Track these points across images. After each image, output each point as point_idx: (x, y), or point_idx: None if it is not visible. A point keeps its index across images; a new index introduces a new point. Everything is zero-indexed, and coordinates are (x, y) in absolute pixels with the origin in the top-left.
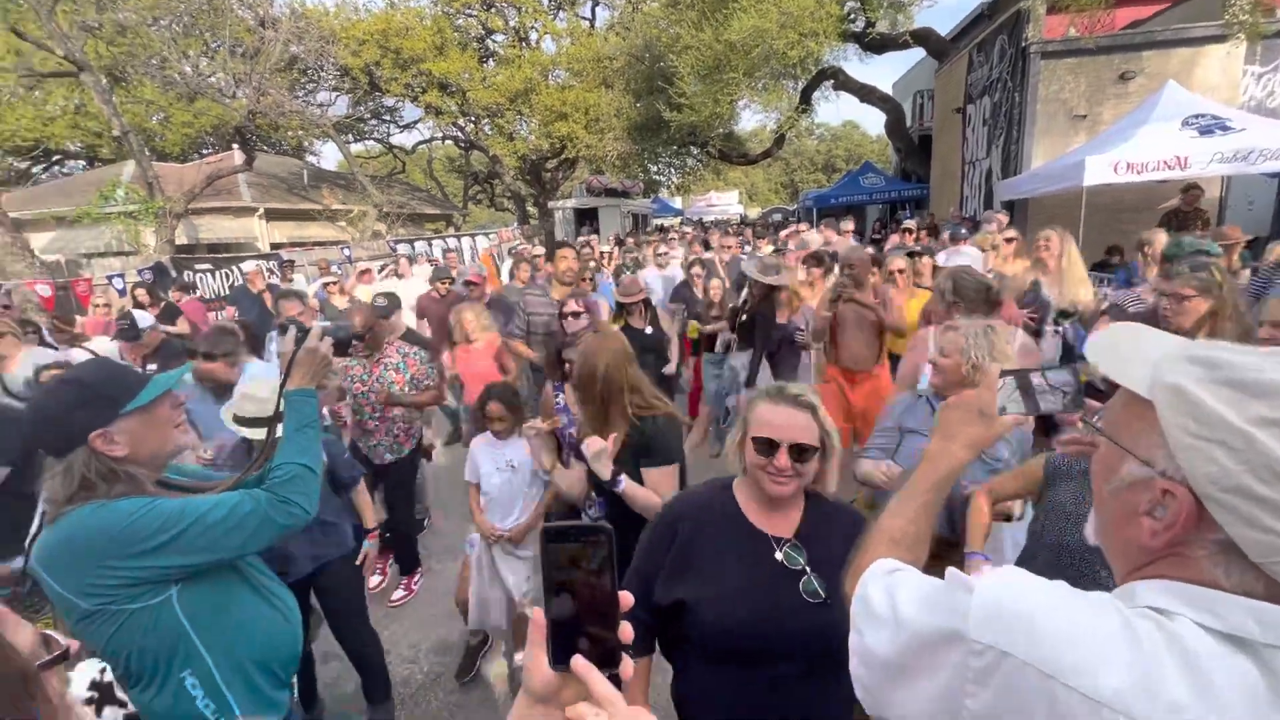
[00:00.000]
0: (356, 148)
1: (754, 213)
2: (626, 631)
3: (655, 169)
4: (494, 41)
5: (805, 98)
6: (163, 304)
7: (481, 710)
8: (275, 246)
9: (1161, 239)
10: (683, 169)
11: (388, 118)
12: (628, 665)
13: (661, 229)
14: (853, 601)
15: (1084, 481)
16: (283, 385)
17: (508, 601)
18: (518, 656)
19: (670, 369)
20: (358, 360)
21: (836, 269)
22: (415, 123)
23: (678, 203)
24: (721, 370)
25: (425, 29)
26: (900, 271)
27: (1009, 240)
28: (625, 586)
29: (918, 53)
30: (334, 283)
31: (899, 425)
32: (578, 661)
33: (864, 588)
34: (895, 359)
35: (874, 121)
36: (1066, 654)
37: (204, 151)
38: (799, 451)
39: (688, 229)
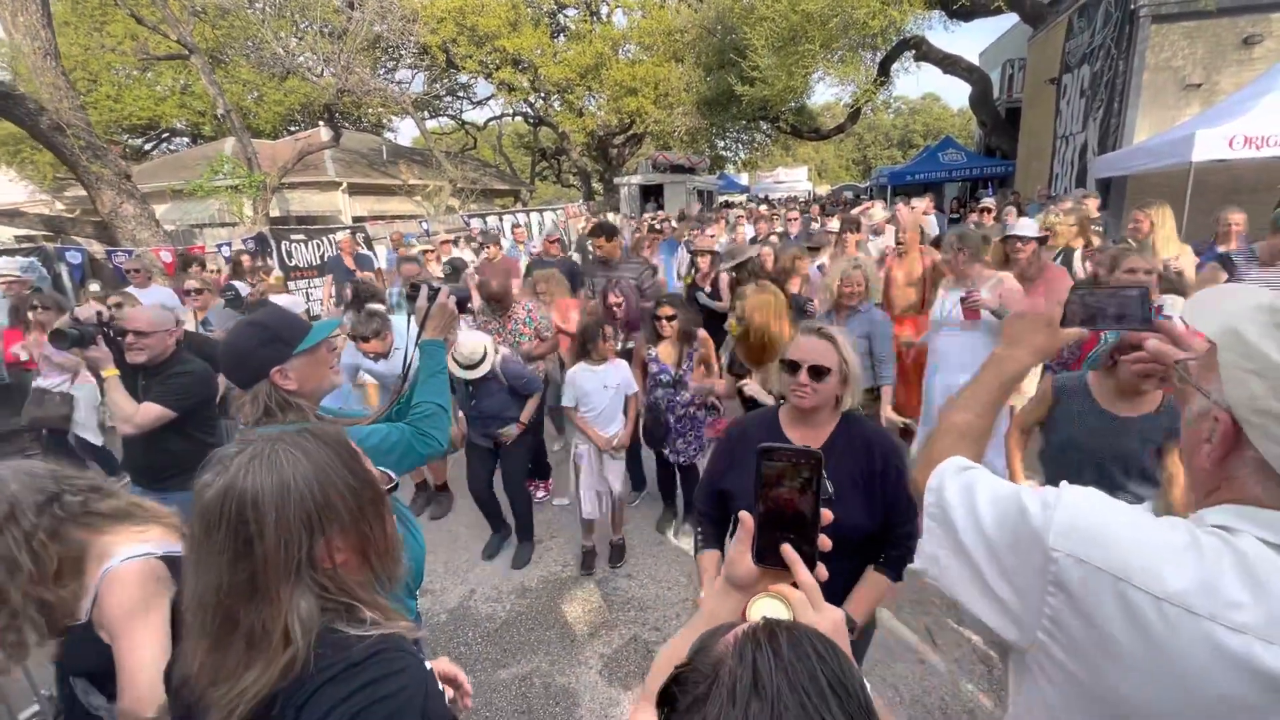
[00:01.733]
0: (430, 124)
1: (823, 190)
2: (825, 542)
3: (723, 144)
4: (566, 16)
5: (884, 69)
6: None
7: (560, 644)
8: (357, 220)
9: (1241, 216)
10: (750, 144)
11: (462, 94)
12: (822, 572)
13: (727, 204)
14: (926, 492)
15: (1084, 392)
16: (419, 336)
17: (610, 495)
18: (613, 537)
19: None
20: (493, 316)
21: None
22: (488, 99)
23: (744, 179)
24: None
25: (500, 5)
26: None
27: (1072, 225)
28: (698, 489)
29: (1010, 19)
30: (431, 250)
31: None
32: (788, 550)
33: (940, 486)
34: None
35: (957, 94)
36: (1135, 561)
37: (292, 129)
38: (816, 372)
39: (755, 206)
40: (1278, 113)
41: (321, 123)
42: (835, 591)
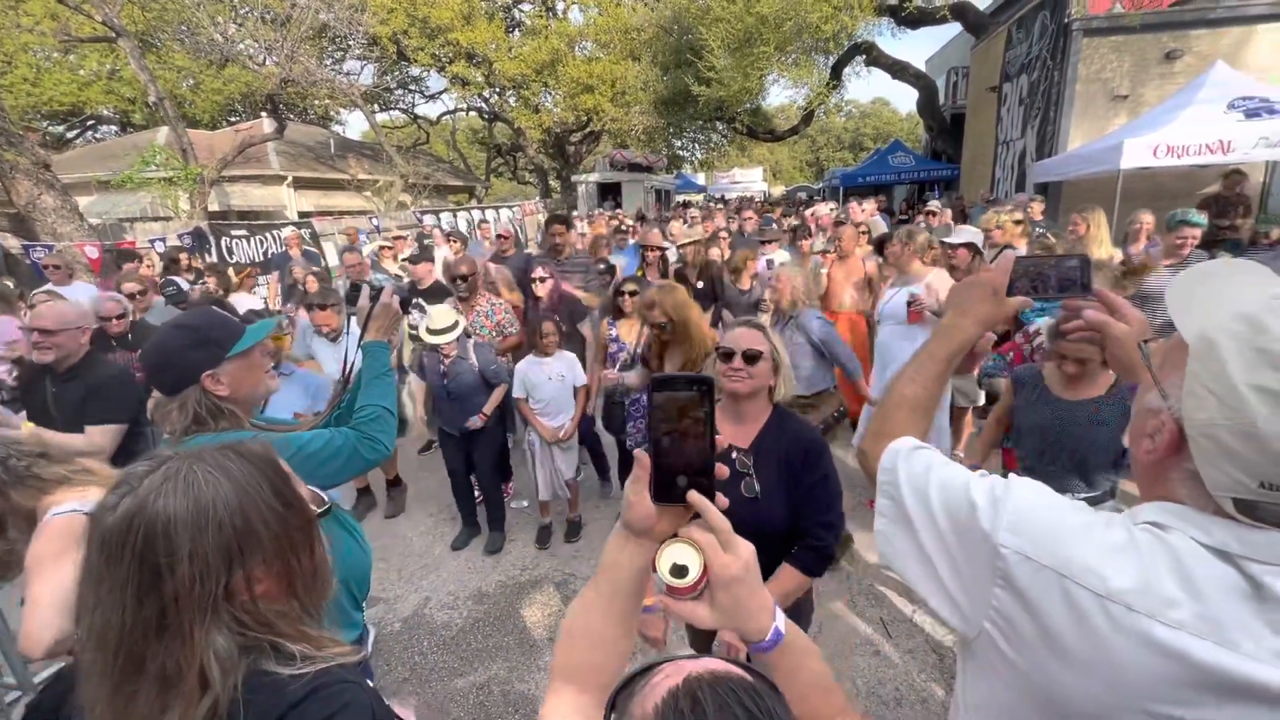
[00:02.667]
0: (381, 117)
1: (778, 190)
2: (722, 470)
3: (680, 144)
4: (521, 11)
5: (836, 73)
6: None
7: (519, 650)
8: (303, 215)
9: (1150, 217)
10: (707, 144)
11: (414, 88)
12: (722, 501)
13: (685, 204)
14: (879, 470)
15: (1037, 381)
16: (361, 337)
17: (562, 480)
18: (570, 514)
19: None
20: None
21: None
22: (441, 93)
23: (701, 179)
24: None
25: None
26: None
27: (1017, 223)
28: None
29: (954, 28)
30: (387, 247)
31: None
32: (694, 495)
33: (894, 466)
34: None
35: (905, 99)
36: (1080, 559)
37: (232, 119)
38: (749, 357)
39: (712, 205)
40: (1196, 124)
41: (264, 113)
42: None
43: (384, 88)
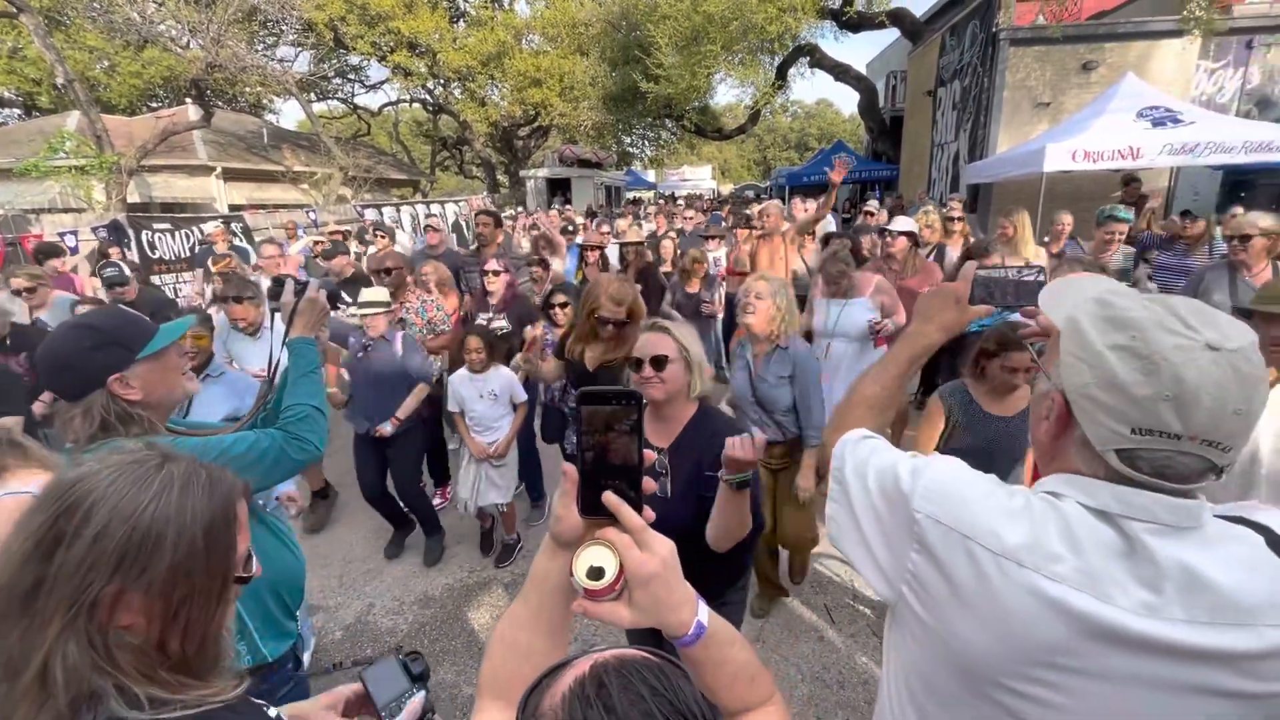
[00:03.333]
0: (319, 107)
1: (726, 189)
2: (649, 484)
3: (629, 140)
4: (466, 1)
5: (781, 74)
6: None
7: (467, 654)
8: (234, 208)
9: (1069, 218)
10: (657, 142)
11: (353, 77)
12: (649, 514)
13: (635, 201)
14: (832, 459)
15: (967, 398)
16: (285, 334)
17: (491, 500)
18: (506, 537)
19: None
20: None
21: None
22: (382, 83)
23: (651, 176)
24: None
25: None
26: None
27: (959, 219)
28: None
29: (892, 33)
30: (320, 241)
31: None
32: (609, 497)
33: (843, 454)
34: None
35: (848, 101)
36: (981, 522)
37: (153, 105)
38: (657, 362)
39: (663, 202)
40: (1109, 132)
41: (189, 100)
42: None
43: (321, 76)
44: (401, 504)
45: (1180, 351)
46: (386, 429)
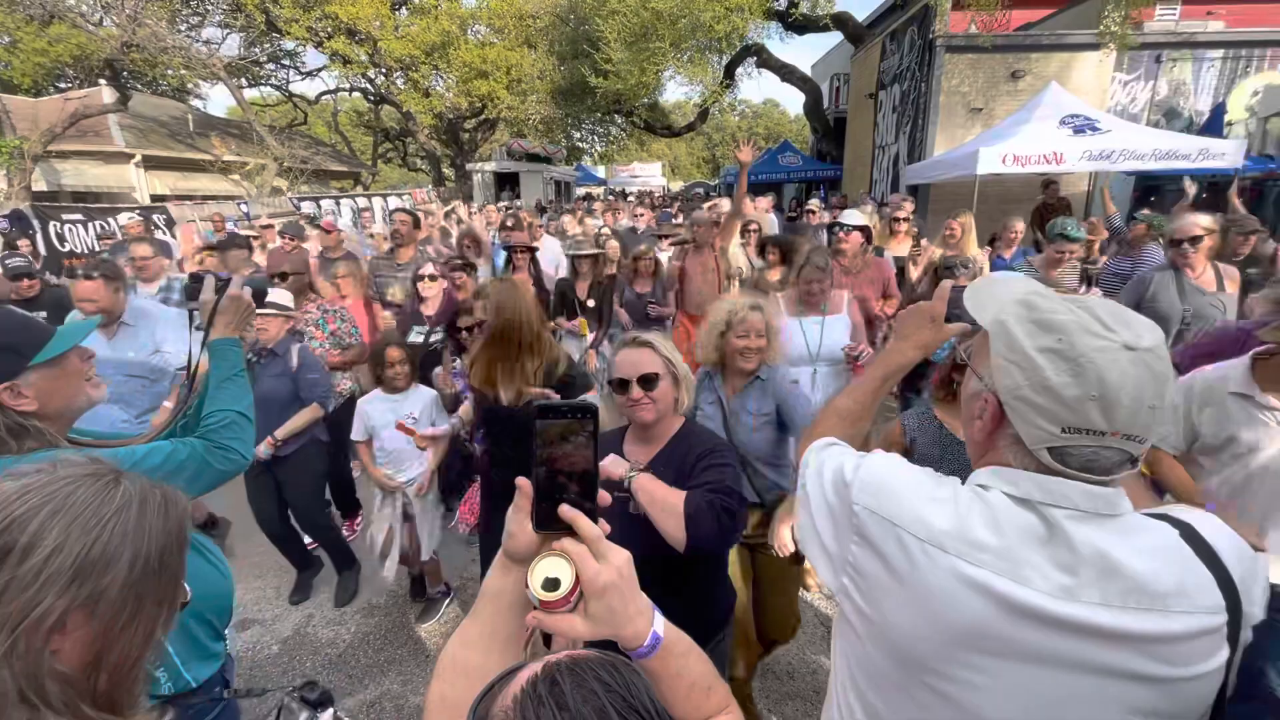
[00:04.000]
0: (250, 93)
1: (676, 186)
2: (605, 497)
3: (579, 135)
4: None
5: (729, 73)
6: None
7: (414, 661)
8: (157, 199)
9: (1021, 225)
10: (607, 137)
11: (287, 63)
12: (604, 526)
13: (587, 197)
14: (802, 466)
15: (933, 422)
16: (206, 335)
17: (416, 546)
18: (434, 589)
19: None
20: None
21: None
22: (319, 70)
23: (601, 172)
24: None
25: None
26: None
27: (894, 220)
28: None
29: (836, 36)
30: (255, 236)
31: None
32: (565, 509)
33: (808, 461)
34: None
35: (794, 101)
36: (910, 511)
37: (62, 85)
38: (646, 381)
39: (613, 199)
40: (1035, 138)
41: (102, 81)
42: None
43: (252, 60)
44: (313, 538)
45: (1102, 353)
46: (261, 450)
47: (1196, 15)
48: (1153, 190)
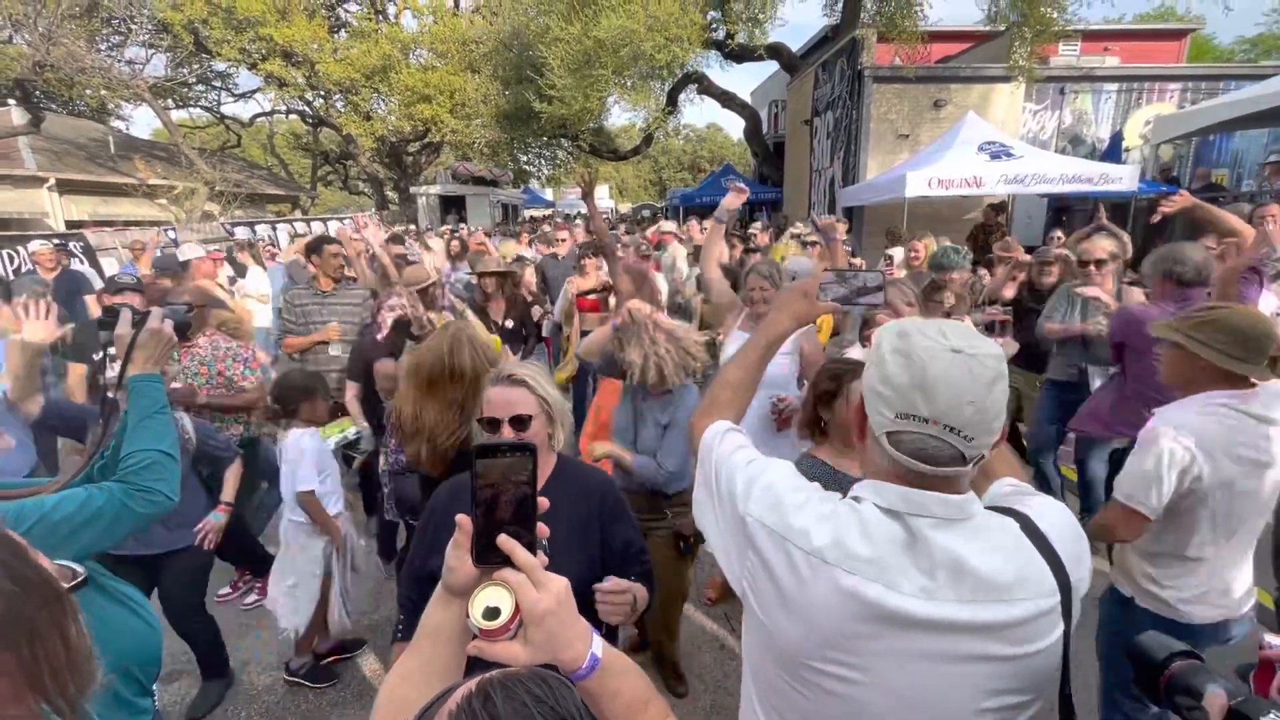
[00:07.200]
0: (178, 115)
1: (625, 207)
2: (543, 529)
3: (525, 159)
4: (346, 11)
5: (672, 99)
6: None
7: (358, 703)
8: (73, 225)
9: (921, 245)
10: (553, 161)
11: (219, 84)
12: (543, 558)
13: (533, 220)
14: (700, 444)
15: (820, 467)
16: (123, 371)
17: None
18: (296, 661)
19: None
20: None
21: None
22: (253, 93)
23: (549, 194)
24: None
25: None
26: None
27: (813, 243)
28: (404, 572)
29: (773, 65)
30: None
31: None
32: (504, 540)
33: (709, 445)
34: None
35: (735, 126)
36: (795, 524)
37: None
38: (518, 422)
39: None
40: (957, 163)
41: (12, 102)
42: None
43: (180, 82)
44: (185, 640)
45: (929, 351)
46: (214, 521)
47: (1095, 51)
48: (1064, 211)
